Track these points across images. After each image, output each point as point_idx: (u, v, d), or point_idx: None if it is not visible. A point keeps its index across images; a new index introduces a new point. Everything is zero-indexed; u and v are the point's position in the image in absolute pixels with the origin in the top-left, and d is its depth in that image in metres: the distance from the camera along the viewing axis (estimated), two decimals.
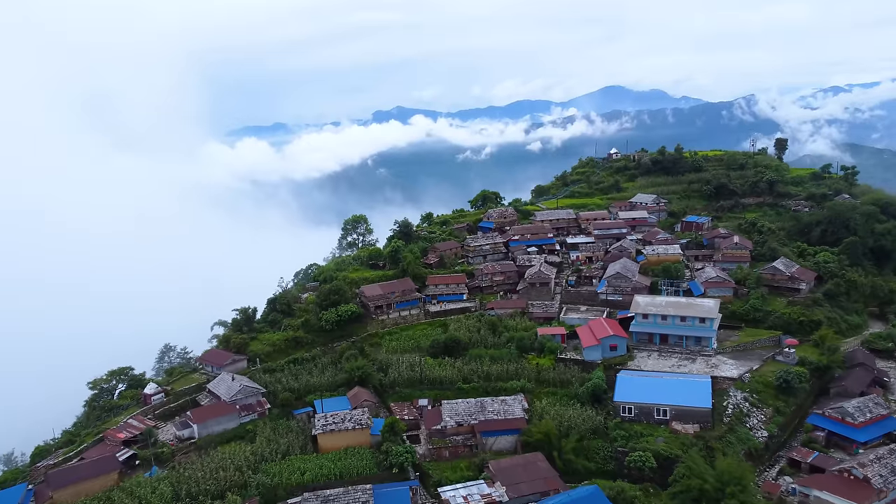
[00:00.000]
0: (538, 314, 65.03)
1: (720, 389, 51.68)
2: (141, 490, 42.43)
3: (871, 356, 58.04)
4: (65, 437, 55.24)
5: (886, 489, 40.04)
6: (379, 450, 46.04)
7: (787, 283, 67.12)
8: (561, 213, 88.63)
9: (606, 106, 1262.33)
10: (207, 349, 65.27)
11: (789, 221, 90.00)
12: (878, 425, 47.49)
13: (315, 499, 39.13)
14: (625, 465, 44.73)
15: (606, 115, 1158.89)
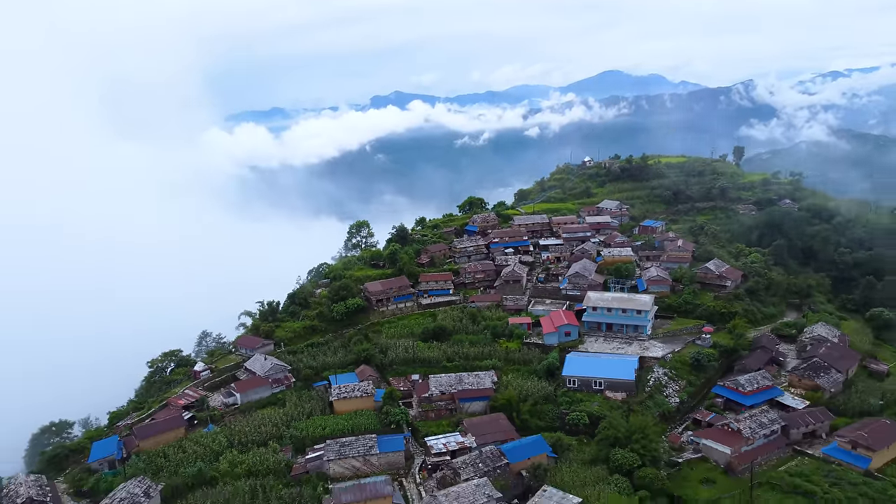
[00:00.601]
0: (510, 306, 79.75)
1: (647, 366, 66.56)
2: (204, 440, 57.29)
3: (774, 340, 72.84)
4: (131, 405, 70.08)
5: (753, 437, 54.91)
6: (381, 412, 60.87)
7: (717, 280, 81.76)
8: (535, 218, 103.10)
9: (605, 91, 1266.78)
10: (240, 335, 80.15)
11: (734, 225, 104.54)
12: (762, 393, 62.29)
13: (335, 444, 54.09)
14: (566, 422, 59.62)
15: (605, 100, 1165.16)
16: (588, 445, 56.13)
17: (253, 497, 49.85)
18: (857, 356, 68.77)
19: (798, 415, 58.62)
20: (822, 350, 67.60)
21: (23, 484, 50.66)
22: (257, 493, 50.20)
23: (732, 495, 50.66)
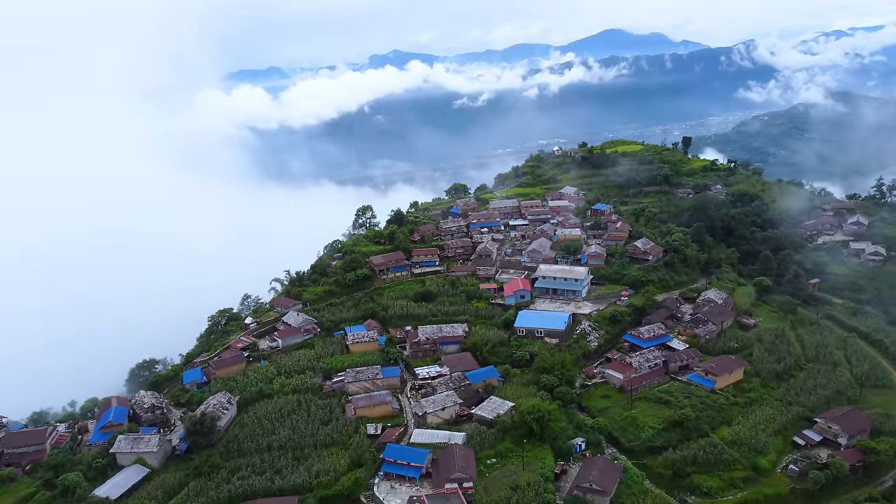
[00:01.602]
0: (482, 275, 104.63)
1: (578, 320, 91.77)
2: (259, 371, 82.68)
3: (677, 301, 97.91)
4: (198, 349, 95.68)
5: (640, 368, 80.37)
6: (383, 352, 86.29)
7: (642, 255, 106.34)
8: (507, 203, 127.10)
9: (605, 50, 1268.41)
10: (274, 297, 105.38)
11: (671, 207, 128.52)
12: (656, 339, 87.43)
13: (352, 371, 79.66)
14: (514, 358, 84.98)
15: (604, 60, 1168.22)
16: (526, 374, 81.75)
17: (297, 406, 75.45)
18: (733, 313, 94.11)
19: (677, 354, 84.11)
20: (705, 309, 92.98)
21: (146, 396, 76.54)
22: (301, 404, 75.86)
23: (620, 404, 76.64)
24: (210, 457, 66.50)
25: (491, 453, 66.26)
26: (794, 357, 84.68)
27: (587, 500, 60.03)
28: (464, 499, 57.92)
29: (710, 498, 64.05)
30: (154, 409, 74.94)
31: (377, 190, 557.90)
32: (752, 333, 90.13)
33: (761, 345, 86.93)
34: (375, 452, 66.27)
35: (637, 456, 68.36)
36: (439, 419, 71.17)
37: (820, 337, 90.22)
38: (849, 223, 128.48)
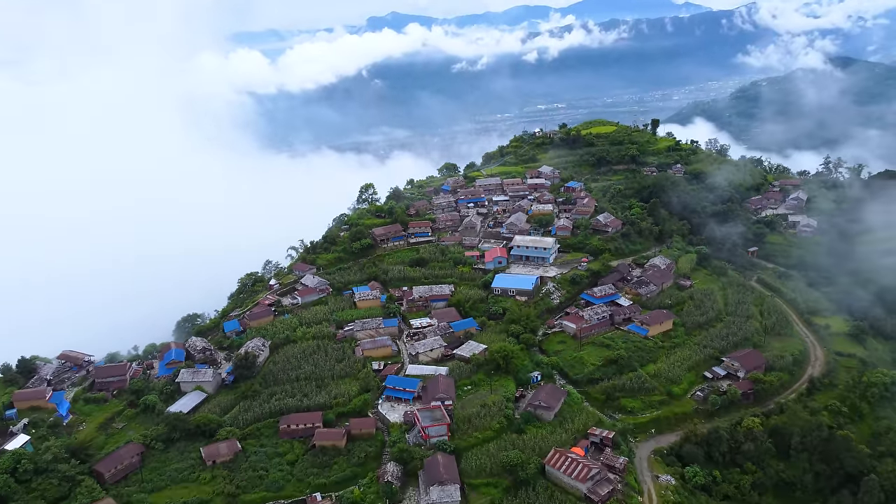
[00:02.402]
0: (467, 244, 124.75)
1: (544, 282, 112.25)
2: (284, 322, 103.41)
3: (629, 266, 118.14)
4: (231, 305, 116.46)
5: (589, 320, 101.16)
6: (384, 307, 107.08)
7: (603, 227, 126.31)
8: (491, 181, 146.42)
9: (606, 12, 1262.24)
10: (292, 262, 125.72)
11: (636, 184, 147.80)
12: (607, 298, 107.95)
13: (359, 322, 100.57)
14: (490, 312, 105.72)
15: (604, 24, 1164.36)
16: (499, 325, 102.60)
17: (317, 349, 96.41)
18: (673, 276, 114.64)
19: (622, 309, 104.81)
20: (649, 272, 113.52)
21: (197, 341, 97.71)
22: (319, 347, 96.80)
23: (572, 348, 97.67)
24: (252, 385, 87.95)
25: (467, 382, 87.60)
26: (716, 311, 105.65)
27: (537, 413, 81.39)
28: (445, 412, 79.37)
29: (632, 415, 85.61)
30: (204, 351, 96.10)
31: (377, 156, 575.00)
32: (686, 293, 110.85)
33: (692, 301, 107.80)
34: (379, 382, 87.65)
35: (580, 385, 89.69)
36: (428, 358, 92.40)
37: (741, 295, 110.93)
38: (790, 198, 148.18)
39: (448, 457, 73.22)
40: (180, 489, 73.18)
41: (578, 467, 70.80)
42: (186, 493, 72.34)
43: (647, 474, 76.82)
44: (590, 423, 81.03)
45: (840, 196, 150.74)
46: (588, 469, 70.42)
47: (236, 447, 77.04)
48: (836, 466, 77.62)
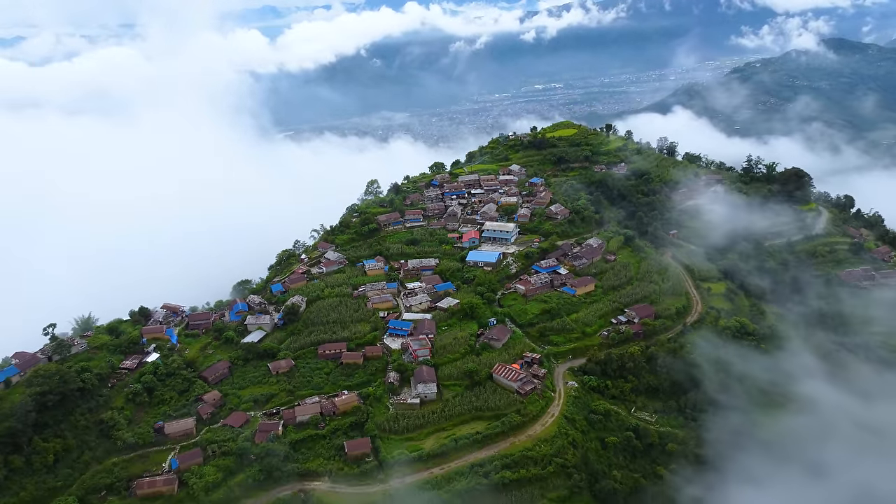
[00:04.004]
0: (450, 228, 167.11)
1: (505, 257, 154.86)
2: (314, 285, 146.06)
3: (571, 246, 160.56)
4: (272, 273, 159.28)
5: (534, 284, 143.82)
6: (387, 275, 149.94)
7: (554, 215, 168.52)
8: (471, 177, 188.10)
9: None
10: (315, 241, 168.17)
11: (586, 180, 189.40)
12: (551, 268, 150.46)
13: (368, 286, 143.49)
14: (464, 279, 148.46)
15: (602, 3, 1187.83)
16: (470, 287, 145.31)
17: (339, 303, 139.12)
18: (602, 253, 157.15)
19: (560, 276, 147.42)
20: (584, 250, 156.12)
21: (254, 298, 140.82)
22: (341, 302, 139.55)
23: (520, 303, 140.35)
24: (297, 326, 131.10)
25: (444, 324, 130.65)
26: (628, 278, 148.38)
27: (490, 343, 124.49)
28: (428, 341, 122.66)
29: (556, 346, 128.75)
30: (260, 304, 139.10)
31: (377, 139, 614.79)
32: (609, 265, 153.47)
33: (612, 271, 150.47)
34: (384, 324, 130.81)
35: (523, 327, 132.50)
36: (418, 308, 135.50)
37: (651, 266, 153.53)
38: (710, 191, 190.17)
39: (430, 368, 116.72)
40: (257, 388, 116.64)
41: (512, 373, 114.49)
42: (261, 390, 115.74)
43: (561, 381, 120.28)
44: (525, 350, 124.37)
45: (750, 189, 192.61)
46: (518, 374, 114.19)
47: (291, 363, 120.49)
48: (683, 377, 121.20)
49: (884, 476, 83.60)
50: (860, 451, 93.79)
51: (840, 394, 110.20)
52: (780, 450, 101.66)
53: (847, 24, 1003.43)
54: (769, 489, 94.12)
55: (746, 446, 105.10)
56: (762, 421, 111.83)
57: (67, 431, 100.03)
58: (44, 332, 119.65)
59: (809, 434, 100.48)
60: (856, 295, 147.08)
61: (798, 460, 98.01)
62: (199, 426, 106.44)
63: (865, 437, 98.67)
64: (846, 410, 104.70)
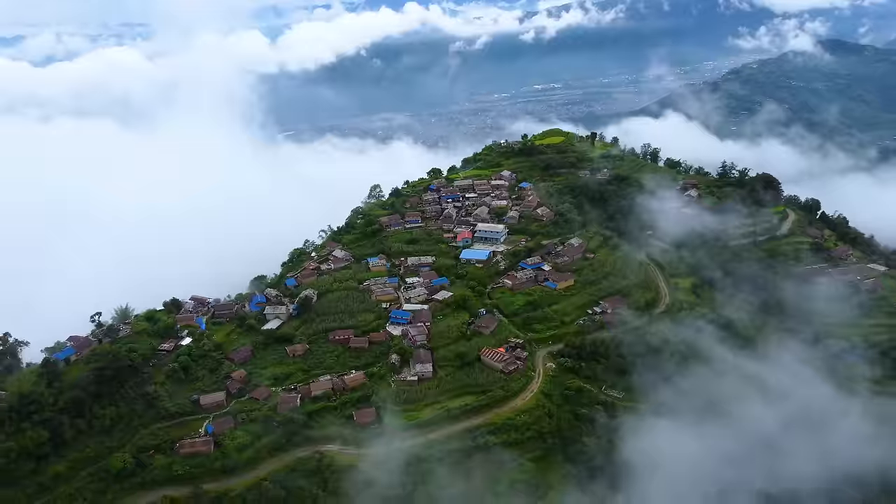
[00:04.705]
0: (445, 229, 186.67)
1: (495, 255, 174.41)
2: (324, 280, 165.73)
3: (554, 245, 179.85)
4: (285, 269, 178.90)
5: (520, 279, 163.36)
6: (389, 271, 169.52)
7: (540, 217, 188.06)
8: (465, 182, 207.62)
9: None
10: (324, 241, 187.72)
11: (570, 184, 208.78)
12: (535, 265, 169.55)
13: (373, 280, 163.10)
14: (457, 274, 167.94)
15: (601, 3, 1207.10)
16: (462, 282, 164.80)
17: (346, 296, 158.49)
18: (582, 251, 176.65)
19: (543, 272, 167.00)
20: (566, 249, 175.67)
21: (271, 291, 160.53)
22: (348, 294, 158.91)
23: (507, 296, 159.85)
24: (309, 315, 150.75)
25: (439, 314, 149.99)
26: (605, 274, 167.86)
27: (479, 331, 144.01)
28: (426, 329, 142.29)
29: (538, 333, 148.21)
30: (276, 297, 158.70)
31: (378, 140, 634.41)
32: (588, 262, 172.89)
33: (591, 268, 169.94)
34: (387, 314, 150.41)
35: (509, 317, 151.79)
36: (416, 300, 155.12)
37: (626, 263, 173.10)
38: (685, 195, 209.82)
39: (426, 351, 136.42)
40: (276, 367, 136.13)
41: (498, 356, 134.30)
42: (280, 370, 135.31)
43: (540, 363, 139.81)
44: (510, 336, 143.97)
45: (723, 193, 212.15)
46: (503, 356, 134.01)
47: (305, 347, 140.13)
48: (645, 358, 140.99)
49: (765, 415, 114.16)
50: (750, 399, 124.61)
51: (757, 362, 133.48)
52: (694, 397, 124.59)
53: (844, 26, 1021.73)
54: (679, 420, 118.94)
55: (672, 395, 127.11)
56: (688, 378, 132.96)
57: (120, 401, 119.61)
58: (90, 320, 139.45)
59: (719, 387, 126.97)
60: (807, 288, 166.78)
61: (706, 404, 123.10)
62: (229, 399, 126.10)
63: (757, 389, 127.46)
64: (753, 371, 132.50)
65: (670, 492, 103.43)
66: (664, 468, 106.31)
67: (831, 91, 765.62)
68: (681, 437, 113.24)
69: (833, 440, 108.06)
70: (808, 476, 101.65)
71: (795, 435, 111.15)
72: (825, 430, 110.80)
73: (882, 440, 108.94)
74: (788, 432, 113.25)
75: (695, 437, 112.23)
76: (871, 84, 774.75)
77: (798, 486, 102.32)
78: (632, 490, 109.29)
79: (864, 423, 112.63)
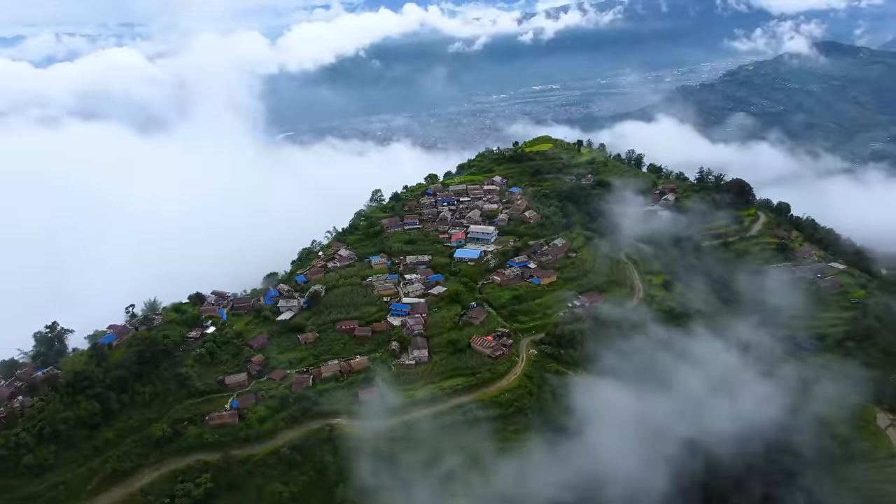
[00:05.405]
0: (441, 230, 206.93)
1: (485, 254, 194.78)
2: (331, 276, 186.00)
3: (540, 245, 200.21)
4: (295, 267, 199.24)
5: (508, 276, 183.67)
6: (389, 268, 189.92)
7: (528, 220, 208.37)
8: (460, 187, 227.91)
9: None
10: (330, 241, 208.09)
11: (556, 189, 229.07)
12: (522, 263, 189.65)
13: (375, 277, 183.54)
14: (451, 272, 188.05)
15: (599, 4, 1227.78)
16: (456, 278, 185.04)
17: (351, 290, 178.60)
18: (565, 251, 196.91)
19: (529, 270, 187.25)
20: (551, 248, 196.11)
21: (283, 286, 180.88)
22: (353, 289, 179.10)
23: (496, 291, 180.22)
24: (318, 308, 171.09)
25: (435, 306, 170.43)
26: (585, 271, 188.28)
27: (470, 321, 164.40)
28: (423, 319, 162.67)
29: (523, 324, 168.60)
30: (288, 291, 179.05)
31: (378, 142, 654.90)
32: (570, 260, 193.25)
33: (572, 266, 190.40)
34: (387, 306, 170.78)
35: (497, 309, 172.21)
36: (414, 295, 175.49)
37: (605, 261, 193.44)
38: (663, 199, 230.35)
39: (423, 339, 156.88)
40: (290, 353, 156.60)
41: (486, 343, 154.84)
42: (293, 355, 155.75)
43: (524, 350, 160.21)
44: (498, 326, 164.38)
45: (699, 197, 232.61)
46: (491, 343, 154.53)
47: (316, 336, 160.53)
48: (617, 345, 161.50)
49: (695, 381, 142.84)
50: (687, 369, 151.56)
51: (701, 343, 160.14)
52: (643, 369, 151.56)
53: (840, 27, 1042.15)
54: (627, 385, 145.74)
55: (626, 368, 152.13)
56: (640, 354, 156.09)
57: (156, 380, 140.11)
58: (126, 311, 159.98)
59: (664, 361, 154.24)
60: (766, 283, 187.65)
61: (652, 373, 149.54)
62: (250, 379, 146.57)
63: (694, 362, 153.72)
64: (695, 350, 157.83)
65: (614, 437, 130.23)
66: (611, 420, 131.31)
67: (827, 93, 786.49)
68: (625, 397, 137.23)
69: (745, 401, 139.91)
70: (722, 427, 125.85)
71: (717, 396, 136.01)
72: (740, 393, 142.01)
73: (779, 401, 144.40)
74: (712, 394, 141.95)
75: (637, 398, 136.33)
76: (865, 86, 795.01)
77: (713, 434, 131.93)
78: (584, 437, 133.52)
79: (772, 389, 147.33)
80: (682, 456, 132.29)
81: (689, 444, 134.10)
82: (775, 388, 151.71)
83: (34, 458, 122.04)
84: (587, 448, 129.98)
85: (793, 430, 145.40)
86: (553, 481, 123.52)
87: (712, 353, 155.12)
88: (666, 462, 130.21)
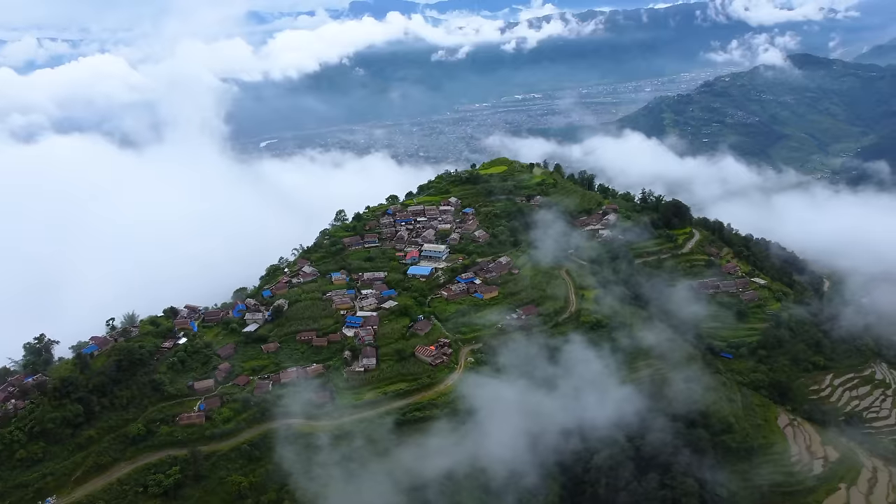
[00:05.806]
0: (398, 248, 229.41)
1: (436, 271, 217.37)
2: (294, 291, 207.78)
3: (488, 262, 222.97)
4: (262, 282, 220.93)
5: (454, 291, 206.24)
6: (348, 284, 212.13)
7: (477, 239, 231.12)
8: (417, 207, 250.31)
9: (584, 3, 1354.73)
10: (296, 258, 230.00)
11: (507, 209, 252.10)
12: (468, 279, 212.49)
13: (334, 292, 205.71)
14: (404, 287, 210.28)
15: (581, 15, 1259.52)
16: (407, 293, 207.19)
17: (312, 304, 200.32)
18: (509, 268, 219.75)
19: (474, 285, 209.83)
20: (496, 265, 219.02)
21: (250, 300, 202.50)
22: (314, 303, 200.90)
23: (443, 304, 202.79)
24: (281, 320, 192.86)
25: (386, 319, 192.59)
26: (524, 287, 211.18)
27: (416, 332, 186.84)
28: (372, 330, 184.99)
29: (464, 335, 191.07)
30: (254, 305, 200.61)
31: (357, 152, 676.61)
32: (512, 277, 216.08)
33: (514, 281, 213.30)
34: (343, 318, 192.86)
35: (442, 322, 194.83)
36: (368, 308, 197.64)
37: (544, 278, 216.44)
38: (605, 218, 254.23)
39: (372, 348, 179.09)
40: (254, 361, 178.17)
41: (428, 352, 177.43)
42: (256, 362, 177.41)
43: (463, 358, 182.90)
44: (441, 337, 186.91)
45: (639, 216, 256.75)
46: (432, 352, 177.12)
47: (277, 345, 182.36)
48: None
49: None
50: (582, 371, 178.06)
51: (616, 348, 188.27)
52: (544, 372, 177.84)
53: (814, 39, 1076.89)
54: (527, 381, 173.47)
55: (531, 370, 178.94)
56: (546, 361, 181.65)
57: (133, 385, 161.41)
58: (106, 324, 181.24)
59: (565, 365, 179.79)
60: (691, 298, 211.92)
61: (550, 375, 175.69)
62: (216, 384, 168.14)
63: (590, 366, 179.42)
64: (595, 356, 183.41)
65: (504, 427, 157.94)
66: (501, 412, 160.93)
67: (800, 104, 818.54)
68: (522, 394, 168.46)
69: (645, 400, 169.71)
70: (594, 419, 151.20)
71: (594, 393, 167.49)
72: (644, 392, 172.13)
73: (684, 401, 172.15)
74: (590, 390, 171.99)
75: (536, 395, 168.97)
76: (837, 97, 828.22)
77: (586, 426, 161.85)
78: (477, 425, 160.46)
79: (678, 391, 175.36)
80: (564, 442, 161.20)
81: (570, 433, 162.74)
82: (683, 389, 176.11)
83: (26, 452, 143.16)
84: (480, 434, 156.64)
85: (695, 425, 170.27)
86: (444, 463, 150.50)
87: (625, 357, 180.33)
88: (545, 446, 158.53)
